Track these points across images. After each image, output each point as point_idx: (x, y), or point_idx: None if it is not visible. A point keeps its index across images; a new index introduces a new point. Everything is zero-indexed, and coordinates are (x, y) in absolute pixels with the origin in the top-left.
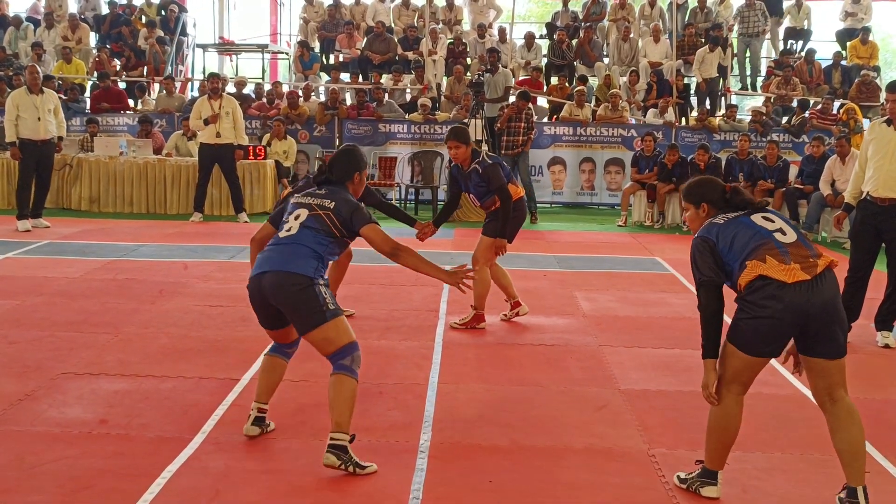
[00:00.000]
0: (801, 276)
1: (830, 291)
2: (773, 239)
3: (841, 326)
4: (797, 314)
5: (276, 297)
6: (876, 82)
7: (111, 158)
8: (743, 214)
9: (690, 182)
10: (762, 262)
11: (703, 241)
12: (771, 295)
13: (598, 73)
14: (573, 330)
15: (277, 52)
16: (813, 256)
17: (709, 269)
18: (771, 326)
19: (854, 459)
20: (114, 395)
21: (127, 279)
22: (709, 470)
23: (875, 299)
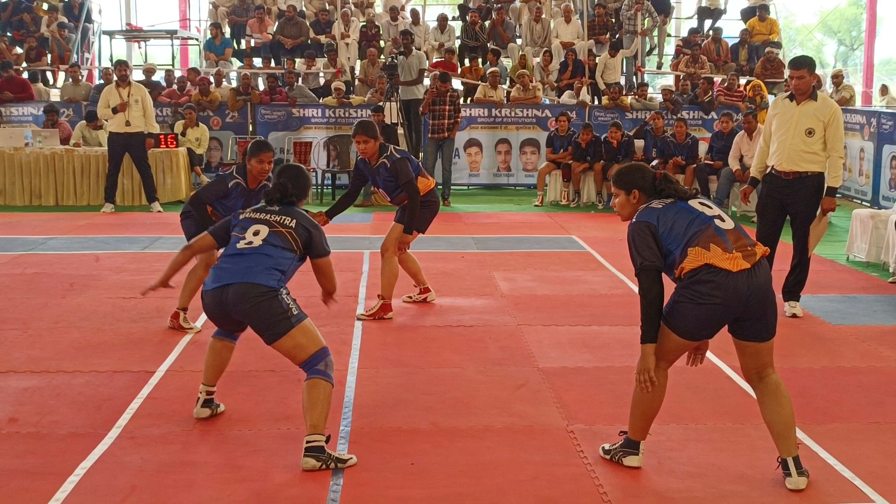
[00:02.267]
0: (743, 264)
1: (765, 278)
2: (713, 225)
3: (773, 310)
4: (739, 301)
5: (240, 308)
6: (780, 59)
7: (16, 150)
8: (679, 200)
9: (621, 168)
10: (706, 249)
11: (645, 225)
12: (716, 283)
13: (512, 54)
14: (491, 310)
15: (187, 38)
16: (750, 245)
17: (650, 254)
18: (714, 313)
19: (782, 435)
20: (23, 393)
21: (36, 273)
22: (631, 440)
23: (782, 271)
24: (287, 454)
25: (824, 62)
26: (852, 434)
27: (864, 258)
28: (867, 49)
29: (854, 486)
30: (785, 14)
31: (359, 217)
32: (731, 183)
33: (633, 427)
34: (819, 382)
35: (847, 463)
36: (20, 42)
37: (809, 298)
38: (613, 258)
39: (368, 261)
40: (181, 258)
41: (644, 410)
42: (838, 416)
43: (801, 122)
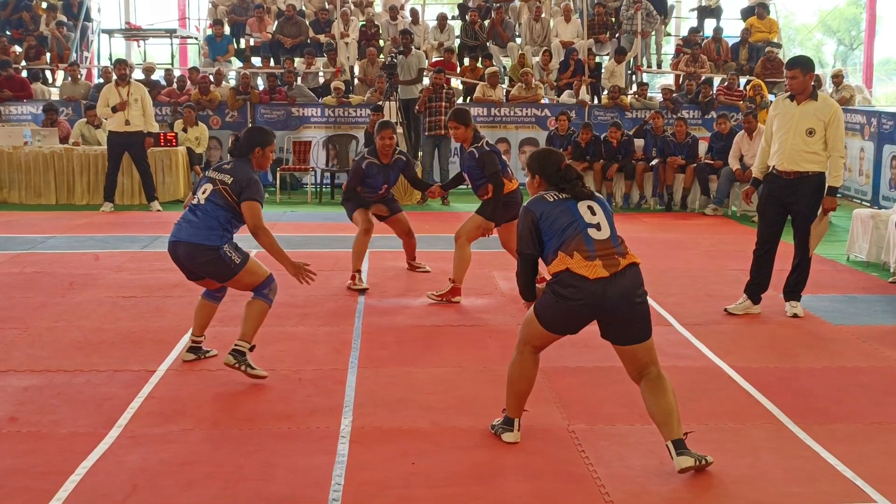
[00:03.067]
0: (601, 273)
1: (627, 285)
2: (585, 233)
3: (639, 316)
4: (593, 306)
5: (191, 264)
6: (780, 58)
7: (15, 148)
8: (571, 199)
9: (534, 152)
10: (569, 256)
11: (527, 212)
12: (575, 287)
13: (511, 53)
14: (492, 310)
15: (186, 37)
16: (618, 255)
17: (530, 244)
18: (569, 312)
19: (663, 423)
20: (23, 392)
21: (35, 272)
22: (509, 418)
23: (783, 271)
24: (288, 454)
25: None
26: (854, 434)
27: (865, 258)
28: (867, 49)
29: (856, 487)
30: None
31: None
32: (731, 182)
33: (509, 405)
34: (820, 382)
35: (849, 463)
36: (19, 41)
37: (810, 298)
38: None
39: (368, 260)
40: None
41: (515, 389)
42: (840, 416)
43: (801, 122)
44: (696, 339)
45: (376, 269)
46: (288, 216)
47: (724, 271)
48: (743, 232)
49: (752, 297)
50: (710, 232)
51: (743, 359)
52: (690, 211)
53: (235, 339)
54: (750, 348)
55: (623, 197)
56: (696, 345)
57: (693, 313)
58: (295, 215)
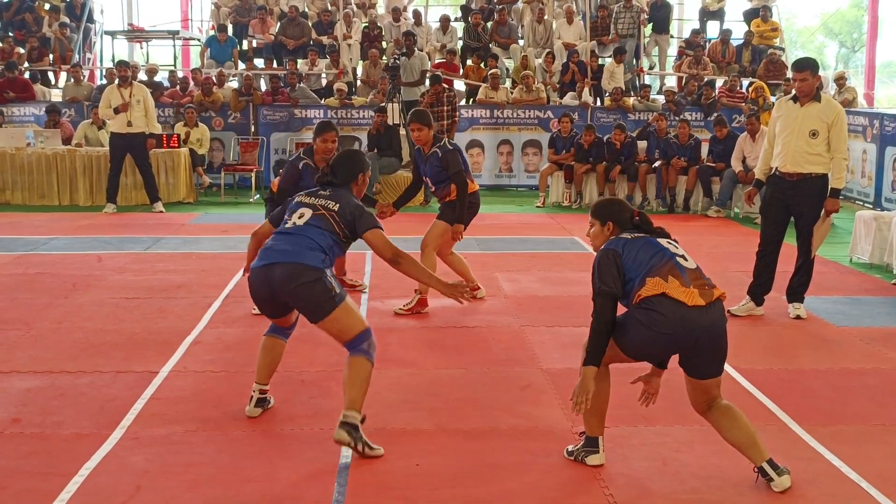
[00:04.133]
0: (698, 300)
1: (719, 317)
2: (675, 261)
3: (723, 349)
4: (688, 335)
5: (287, 288)
6: (782, 60)
7: (18, 150)
8: (649, 235)
9: (602, 200)
10: (664, 280)
11: (612, 252)
12: (670, 313)
13: (514, 55)
14: (495, 311)
15: (189, 39)
16: (709, 286)
17: (612, 280)
18: (661, 340)
19: (750, 446)
20: (26, 393)
21: (38, 273)
22: (590, 438)
23: (786, 272)
24: (292, 455)
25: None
26: (858, 436)
27: (868, 260)
28: (868, 51)
29: (861, 489)
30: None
31: None
32: (733, 184)
33: (589, 425)
34: (824, 384)
35: (853, 465)
36: (22, 42)
37: (813, 300)
38: None
39: (370, 262)
40: (252, 245)
41: (592, 408)
42: (844, 417)
43: (804, 123)
44: None
45: (378, 271)
46: None
47: (726, 273)
48: (745, 234)
49: (755, 298)
50: (712, 234)
51: (746, 360)
52: (693, 213)
53: (342, 409)
54: (753, 350)
55: (626, 199)
56: None
57: None
58: None
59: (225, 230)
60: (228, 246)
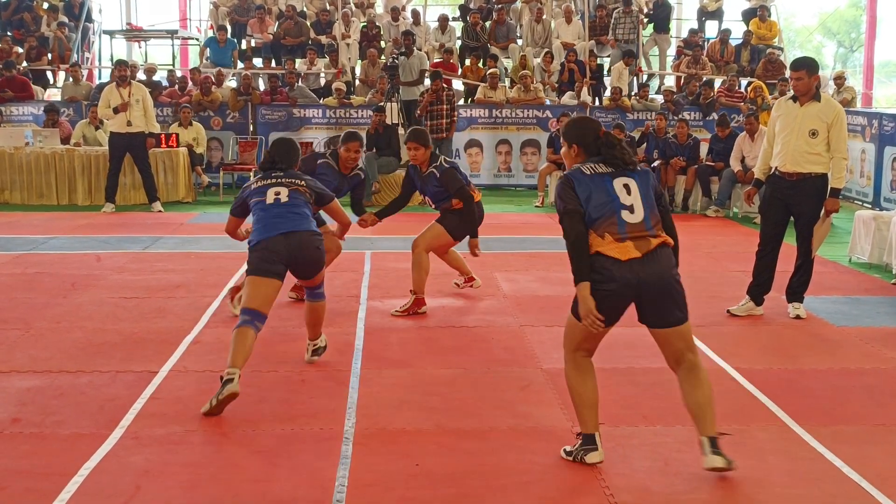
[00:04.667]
0: (633, 253)
1: (663, 265)
2: (618, 215)
3: (673, 297)
4: (629, 288)
5: (304, 253)
6: (781, 60)
7: (16, 149)
8: (609, 174)
9: (570, 121)
10: (601, 237)
11: (567, 180)
12: (606, 270)
13: (513, 54)
14: (494, 311)
15: (188, 38)
16: (650, 236)
17: (571, 200)
18: (604, 299)
19: (701, 417)
20: (26, 393)
21: (37, 273)
22: (587, 435)
23: (786, 272)
24: (291, 455)
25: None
26: (858, 436)
27: (867, 260)
28: (867, 51)
29: (861, 489)
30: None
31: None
32: (732, 184)
33: (583, 419)
34: (824, 384)
35: (853, 465)
36: (20, 41)
37: (813, 300)
38: None
39: (370, 261)
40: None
41: (583, 402)
42: (844, 418)
43: (804, 123)
44: (700, 341)
45: (378, 271)
46: None
47: (726, 273)
48: (745, 233)
49: (754, 298)
50: (711, 233)
51: (746, 360)
52: (692, 212)
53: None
54: (753, 350)
55: None
56: (699, 346)
57: (696, 315)
58: None
59: (223, 230)
60: (227, 245)
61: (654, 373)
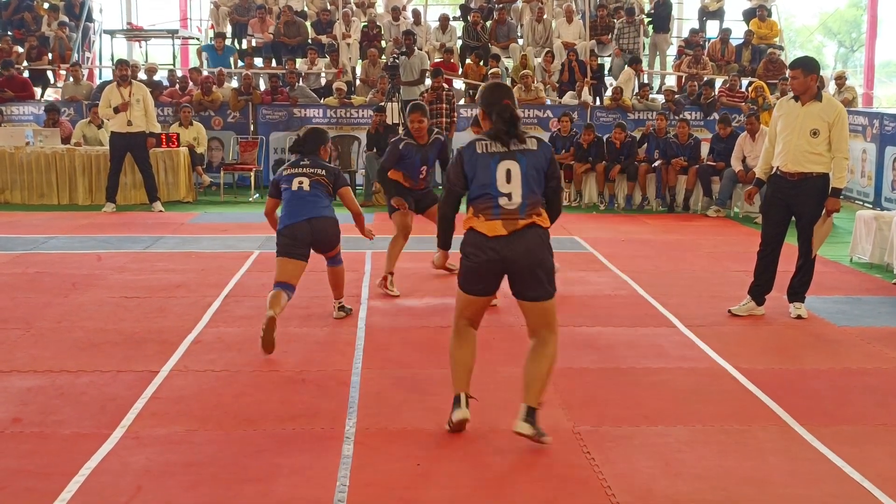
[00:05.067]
0: (500, 231)
1: (529, 244)
2: (495, 201)
3: (537, 275)
4: (495, 263)
5: (324, 235)
6: (782, 60)
7: (17, 149)
8: (498, 154)
9: (483, 87)
10: (475, 217)
11: (459, 156)
12: (477, 245)
13: (513, 54)
14: (494, 311)
15: (188, 38)
16: (521, 218)
17: (457, 181)
18: (475, 271)
19: (529, 386)
20: (27, 393)
21: (38, 272)
22: (455, 396)
23: (787, 272)
24: (292, 454)
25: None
26: (860, 436)
27: (868, 260)
28: (868, 51)
29: (862, 489)
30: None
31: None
32: (733, 184)
33: (454, 380)
34: (825, 384)
35: (855, 465)
36: (21, 41)
37: (814, 300)
38: (616, 259)
39: (371, 261)
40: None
41: (456, 364)
42: (845, 418)
43: (805, 122)
44: (700, 341)
45: (379, 271)
46: None
47: (727, 273)
48: (746, 233)
49: (755, 298)
50: (712, 233)
51: (747, 360)
52: (693, 212)
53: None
54: (754, 350)
55: (625, 198)
56: (700, 346)
57: (697, 315)
58: None
59: (224, 229)
60: (228, 245)
61: (656, 373)
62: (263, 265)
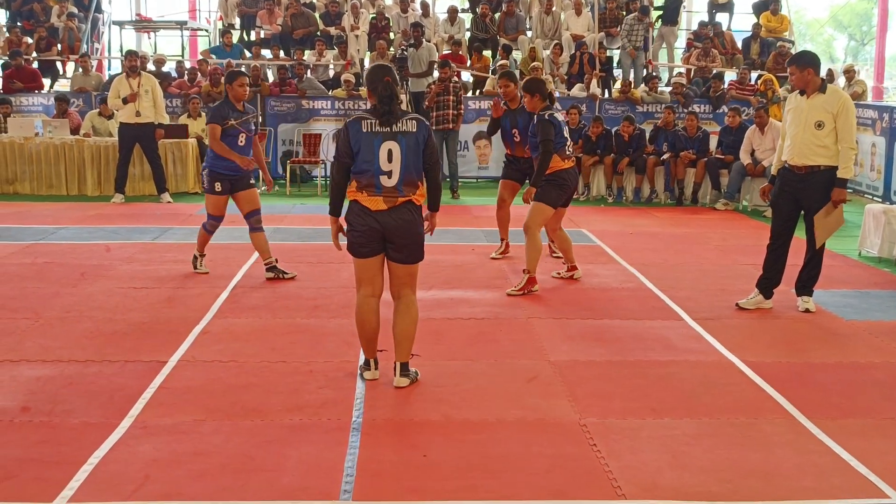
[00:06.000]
0: (381, 206)
1: (405, 217)
2: (377, 179)
3: (408, 243)
4: (376, 231)
5: None
6: (791, 53)
7: (26, 139)
8: (381, 135)
9: (370, 67)
10: (359, 192)
11: (345, 127)
12: (361, 216)
13: (522, 46)
14: (502, 303)
15: (197, 29)
16: (400, 196)
17: (344, 151)
18: (361, 237)
19: (402, 342)
20: (35, 382)
21: (46, 263)
22: (366, 360)
23: (795, 266)
24: (300, 445)
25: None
26: (867, 430)
27: (877, 253)
28: (878, 44)
29: (869, 482)
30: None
31: None
32: (742, 177)
33: (363, 349)
34: (833, 378)
35: (862, 458)
36: (30, 32)
37: (822, 294)
38: (624, 252)
39: None
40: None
41: (362, 335)
42: (853, 411)
43: (810, 115)
44: (708, 334)
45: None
46: (298, 209)
47: (735, 266)
48: (754, 227)
49: (763, 291)
50: (721, 226)
51: (755, 354)
52: (701, 205)
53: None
54: (762, 343)
55: (634, 191)
56: (707, 339)
57: (704, 308)
58: (305, 208)
59: (233, 221)
60: (235, 236)
61: (663, 365)
62: (277, 254)
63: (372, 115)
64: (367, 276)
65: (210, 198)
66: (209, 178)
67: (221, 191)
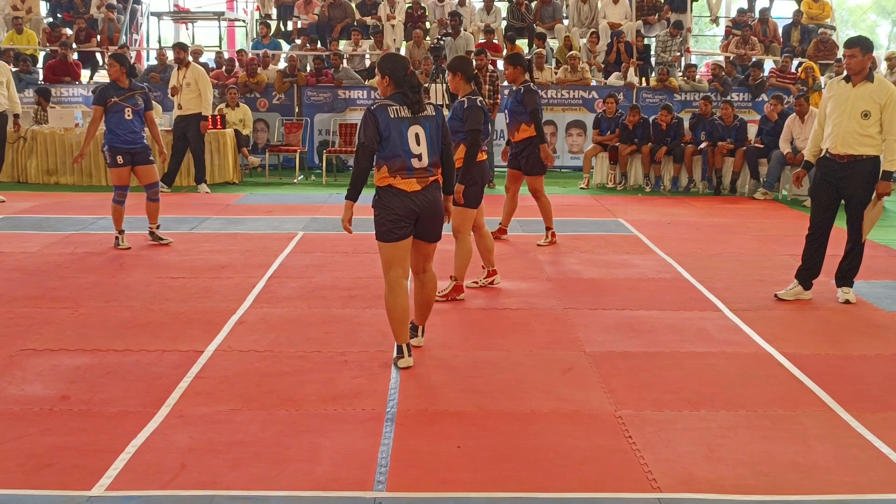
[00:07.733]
0: (415, 187)
1: (435, 196)
2: (409, 163)
3: (437, 221)
4: (411, 212)
5: None
6: (833, 40)
7: (66, 130)
8: (407, 119)
9: (384, 55)
10: (392, 177)
11: (372, 114)
12: (397, 198)
13: (558, 35)
14: (538, 293)
15: (234, 20)
16: (430, 175)
17: (371, 136)
18: (395, 220)
19: (425, 309)
20: (75, 371)
21: (86, 253)
22: (398, 346)
23: (835, 256)
24: (334, 435)
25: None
26: None
27: None
28: None
29: None
30: None
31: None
32: (781, 166)
33: (394, 333)
34: (873, 370)
35: None
36: (70, 23)
37: (863, 284)
38: (661, 242)
39: None
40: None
41: (391, 315)
42: (893, 404)
43: (856, 104)
44: (746, 325)
45: None
46: (334, 198)
47: (774, 256)
48: (793, 216)
49: (803, 282)
50: (759, 216)
51: (794, 345)
52: (740, 195)
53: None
54: (801, 334)
55: (672, 180)
56: (745, 330)
57: (743, 298)
58: (340, 197)
59: (269, 211)
60: (273, 226)
61: (699, 357)
62: (307, 246)
63: (396, 101)
64: (399, 257)
65: (114, 171)
66: (110, 153)
67: (123, 163)
